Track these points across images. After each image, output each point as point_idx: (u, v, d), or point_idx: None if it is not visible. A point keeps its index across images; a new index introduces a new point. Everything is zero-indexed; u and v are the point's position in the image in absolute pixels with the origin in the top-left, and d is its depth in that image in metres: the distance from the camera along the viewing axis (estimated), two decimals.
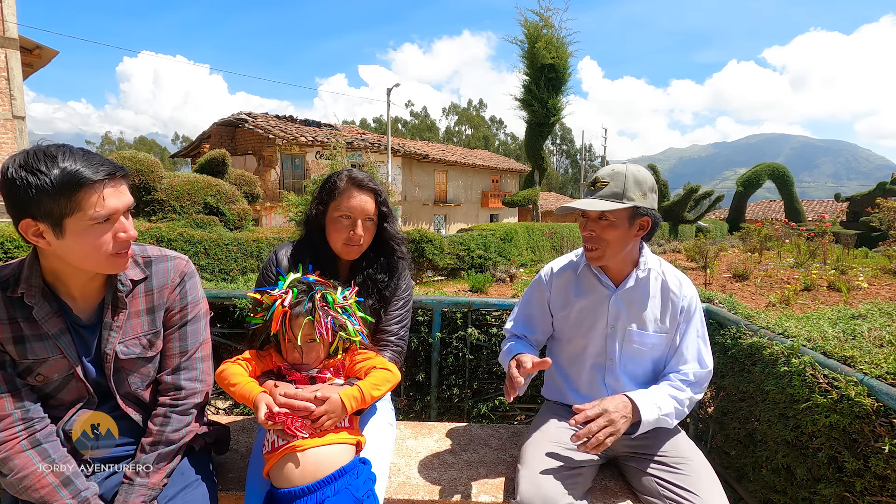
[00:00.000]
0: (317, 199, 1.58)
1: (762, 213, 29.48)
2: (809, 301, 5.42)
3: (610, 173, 1.45)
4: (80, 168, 1.05)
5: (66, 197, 1.04)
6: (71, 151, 1.07)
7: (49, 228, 1.06)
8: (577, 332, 1.59)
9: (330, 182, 1.56)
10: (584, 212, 1.48)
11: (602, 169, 1.49)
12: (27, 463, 1.11)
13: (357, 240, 1.52)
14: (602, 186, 1.44)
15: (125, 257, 1.18)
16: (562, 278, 1.64)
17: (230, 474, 1.55)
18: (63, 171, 1.03)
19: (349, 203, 1.51)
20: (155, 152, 59.51)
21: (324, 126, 22.56)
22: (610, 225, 1.44)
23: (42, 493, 1.10)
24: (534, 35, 19.76)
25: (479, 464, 1.70)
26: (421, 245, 11.96)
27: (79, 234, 1.08)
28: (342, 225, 1.52)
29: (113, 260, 1.15)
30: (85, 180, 1.05)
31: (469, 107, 71.98)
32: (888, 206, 9.83)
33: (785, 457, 1.50)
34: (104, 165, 1.09)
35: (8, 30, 9.82)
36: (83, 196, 1.05)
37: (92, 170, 1.06)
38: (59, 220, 1.05)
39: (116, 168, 1.11)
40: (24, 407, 1.15)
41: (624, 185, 1.42)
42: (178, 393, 1.31)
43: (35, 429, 1.15)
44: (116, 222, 1.13)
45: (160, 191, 8.73)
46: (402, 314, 1.64)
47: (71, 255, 1.11)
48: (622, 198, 1.42)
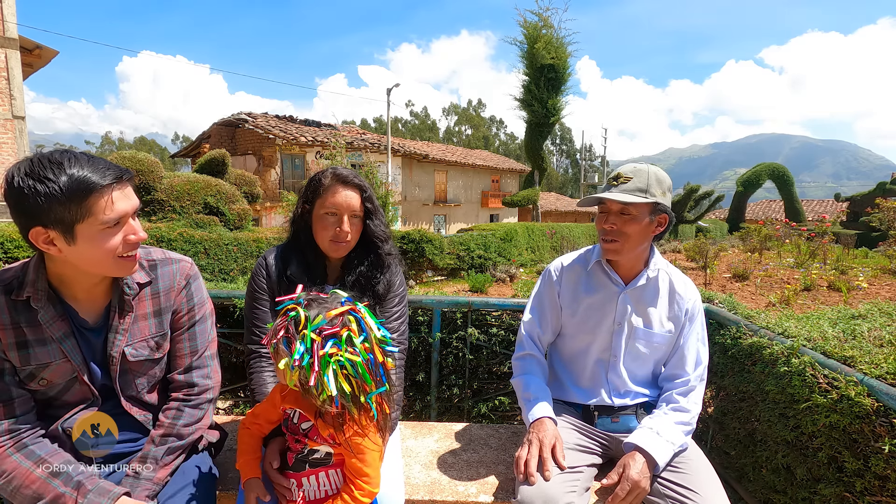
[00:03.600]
0: (302, 198, 1.56)
1: (762, 213, 29.47)
2: (809, 301, 5.42)
3: (632, 170, 1.48)
4: (87, 173, 1.04)
5: (76, 203, 1.04)
6: (76, 157, 1.06)
7: (60, 235, 1.06)
8: (583, 328, 1.60)
9: (315, 180, 1.53)
10: (605, 206, 1.50)
11: (624, 166, 1.52)
12: (14, 465, 1.11)
13: (344, 236, 1.49)
14: (625, 181, 1.47)
15: (134, 260, 1.19)
16: (572, 274, 1.64)
17: (230, 474, 1.55)
18: (71, 178, 1.03)
19: (334, 199, 1.49)
20: (155, 152, 59.55)
21: (324, 126, 22.55)
22: (632, 219, 1.46)
23: (34, 488, 1.09)
24: (533, 35, 19.76)
25: (479, 464, 1.70)
26: (421, 245, 11.95)
27: (90, 239, 1.08)
28: (328, 222, 1.49)
29: (123, 263, 1.16)
30: (94, 185, 1.05)
31: (469, 107, 71.97)
32: (888, 206, 9.85)
33: (785, 457, 1.50)
34: (110, 169, 1.09)
35: (8, 30, 9.81)
36: (93, 201, 1.05)
37: (99, 174, 1.06)
38: (70, 226, 1.05)
39: (122, 171, 1.11)
40: (15, 417, 1.14)
41: (647, 181, 1.46)
42: (192, 390, 1.34)
43: (21, 437, 1.15)
44: (126, 225, 1.13)
45: (160, 191, 8.73)
46: (400, 310, 1.63)
47: (82, 260, 1.11)
48: (646, 192, 1.45)
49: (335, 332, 1.11)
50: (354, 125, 41.27)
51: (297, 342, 1.09)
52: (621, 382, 1.58)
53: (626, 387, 1.58)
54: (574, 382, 1.65)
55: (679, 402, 1.51)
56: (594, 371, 1.61)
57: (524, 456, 1.38)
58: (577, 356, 1.64)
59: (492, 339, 2.22)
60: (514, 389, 1.65)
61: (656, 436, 1.42)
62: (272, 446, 1.36)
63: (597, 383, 1.60)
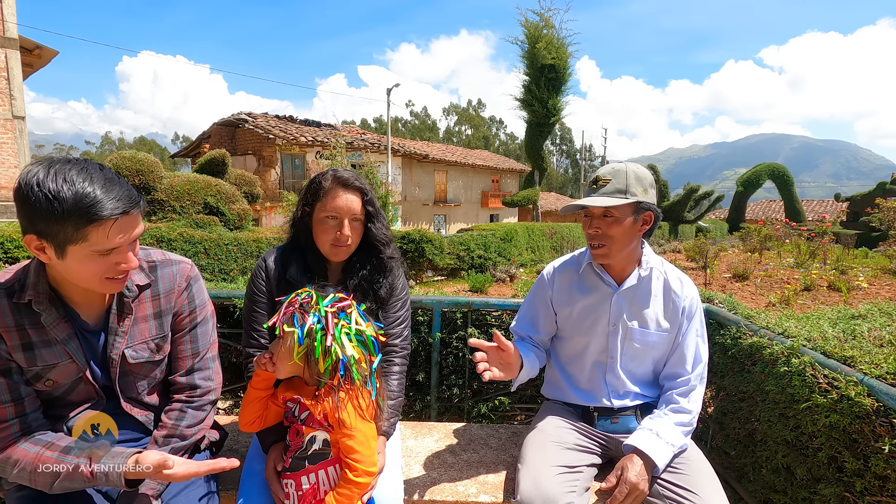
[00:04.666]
0: (302, 201, 1.53)
1: (762, 213, 29.48)
2: (809, 301, 5.42)
3: (611, 171, 1.47)
4: (96, 200, 1.02)
5: (73, 226, 1.02)
6: (92, 178, 1.03)
7: (51, 248, 1.06)
8: (579, 330, 1.59)
9: (315, 182, 1.50)
10: (588, 210, 1.49)
11: (602, 168, 1.50)
12: (25, 452, 1.11)
13: (344, 240, 1.47)
14: (604, 184, 1.45)
15: (121, 283, 1.17)
16: (564, 276, 1.64)
17: (230, 474, 1.55)
18: (77, 202, 1.00)
19: (335, 203, 1.46)
20: (155, 152, 59.50)
21: (324, 126, 22.55)
22: (615, 221, 1.45)
23: (50, 465, 1.09)
24: (534, 35, 19.76)
25: (479, 464, 1.70)
26: (421, 245, 11.95)
27: (79, 260, 1.07)
28: (329, 226, 1.47)
29: (109, 283, 1.14)
30: (97, 217, 1.02)
31: (469, 107, 71.96)
32: (888, 206, 9.85)
33: (785, 457, 1.50)
34: (121, 200, 1.06)
35: (8, 30, 9.82)
36: (91, 230, 1.04)
37: (109, 205, 1.03)
38: (62, 244, 1.04)
39: (132, 204, 1.08)
40: (25, 415, 1.15)
41: (626, 181, 1.44)
42: (194, 391, 1.34)
43: (33, 433, 1.15)
44: (120, 253, 1.12)
45: (160, 191, 8.73)
46: (403, 314, 1.62)
47: (68, 273, 1.11)
48: (625, 193, 1.43)
49: (345, 306, 1.29)
50: (354, 125, 41.28)
51: (309, 315, 1.22)
52: (620, 384, 1.57)
53: (624, 388, 1.58)
54: (573, 384, 1.64)
55: (679, 402, 1.51)
56: (592, 373, 1.60)
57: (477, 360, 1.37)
58: (574, 358, 1.64)
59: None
60: None
61: (656, 437, 1.42)
62: (274, 450, 1.37)
63: (595, 385, 1.60)
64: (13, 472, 1.10)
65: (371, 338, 1.31)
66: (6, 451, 1.10)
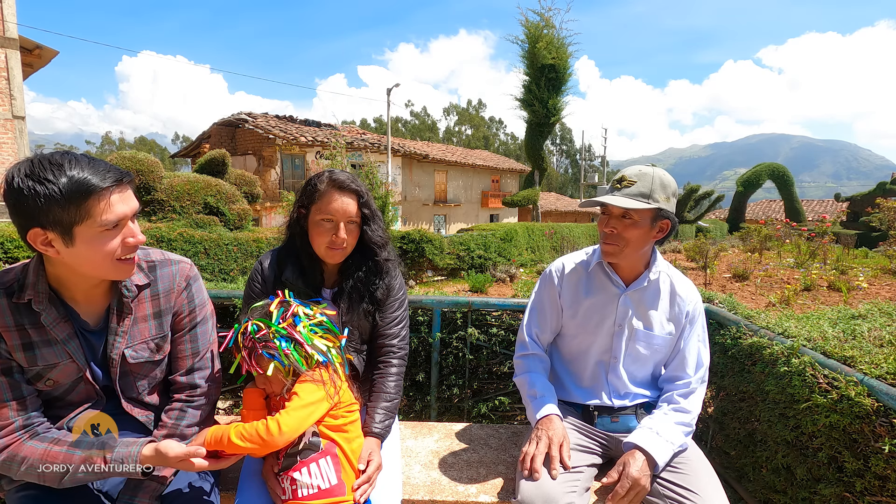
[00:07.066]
0: (298, 203, 1.53)
1: (762, 213, 29.47)
2: (809, 301, 5.42)
3: (637, 173, 1.45)
4: (87, 175, 1.04)
5: (75, 205, 1.03)
6: (76, 159, 1.06)
7: (58, 237, 1.06)
8: (584, 329, 1.59)
9: (311, 184, 1.49)
10: (607, 209, 1.49)
11: (629, 168, 1.49)
12: (32, 449, 1.11)
13: (340, 243, 1.46)
14: (629, 185, 1.44)
15: (132, 263, 1.19)
16: (573, 275, 1.63)
17: (230, 474, 1.55)
18: (71, 179, 1.03)
19: (330, 206, 1.45)
20: (155, 152, 59.54)
21: (324, 126, 22.54)
22: (633, 224, 1.44)
23: (60, 460, 1.10)
24: (535, 35, 19.74)
25: (479, 464, 1.70)
26: (421, 245, 11.95)
27: (89, 242, 1.08)
28: (324, 228, 1.46)
29: (121, 266, 1.15)
30: (93, 188, 1.04)
31: (468, 107, 71.96)
32: (888, 206, 9.85)
33: (785, 457, 1.50)
34: (110, 172, 1.09)
35: (8, 30, 9.82)
36: (92, 203, 1.05)
37: (99, 177, 1.06)
38: (68, 228, 1.05)
39: (122, 174, 1.11)
40: (27, 414, 1.15)
41: (651, 185, 1.42)
42: (194, 391, 1.34)
43: (36, 431, 1.16)
44: (125, 227, 1.13)
45: (160, 191, 8.73)
46: (400, 315, 1.62)
47: (80, 262, 1.11)
48: (648, 198, 1.42)
49: (293, 311, 1.32)
50: (354, 125, 41.25)
51: (274, 341, 1.26)
52: (621, 384, 1.58)
53: (625, 388, 1.58)
54: (574, 383, 1.64)
55: (679, 402, 1.51)
56: (594, 372, 1.61)
57: (531, 452, 1.38)
58: (577, 357, 1.64)
59: (492, 339, 2.22)
60: (518, 387, 1.65)
61: (656, 435, 1.42)
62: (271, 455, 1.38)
63: (597, 384, 1.60)
64: (20, 470, 1.10)
65: (328, 320, 1.37)
66: (10, 449, 1.10)
